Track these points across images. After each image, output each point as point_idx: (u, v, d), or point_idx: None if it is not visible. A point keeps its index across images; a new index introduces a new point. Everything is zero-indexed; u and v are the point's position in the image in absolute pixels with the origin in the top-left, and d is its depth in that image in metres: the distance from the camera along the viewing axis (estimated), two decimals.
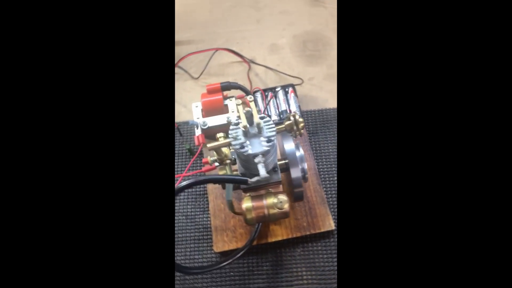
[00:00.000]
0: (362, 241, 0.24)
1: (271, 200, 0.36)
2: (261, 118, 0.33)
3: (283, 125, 0.35)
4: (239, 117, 0.33)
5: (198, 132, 0.55)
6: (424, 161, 0.24)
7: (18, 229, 0.23)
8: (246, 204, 0.37)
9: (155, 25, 0.25)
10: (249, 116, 0.32)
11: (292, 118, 0.34)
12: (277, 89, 0.59)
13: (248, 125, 0.32)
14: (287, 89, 0.59)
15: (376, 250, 0.24)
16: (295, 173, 0.40)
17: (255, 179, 0.33)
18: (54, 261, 0.23)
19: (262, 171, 0.32)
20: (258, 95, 0.58)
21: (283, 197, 0.35)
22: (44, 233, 0.23)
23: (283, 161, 0.42)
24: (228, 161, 0.38)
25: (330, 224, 0.49)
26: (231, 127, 0.34)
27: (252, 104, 0.32)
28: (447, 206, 0.23)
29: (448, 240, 0.23)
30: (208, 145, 0.34)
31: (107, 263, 0.23)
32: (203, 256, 0.50)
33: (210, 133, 0.56)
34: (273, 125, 0.34)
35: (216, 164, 0.39)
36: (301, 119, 0.34)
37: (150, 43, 0.25)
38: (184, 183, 0.32)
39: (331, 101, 0.61)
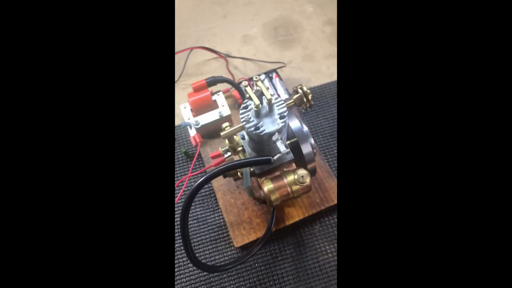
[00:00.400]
0: (362, 216, 0.24)
1: (291, 177, 0.36)
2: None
3: (292, 100, 0.35)
4: (249, 98, 0.33)
5: (192, 132, 0.54)
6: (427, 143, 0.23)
7: (20, 231, 0.22)
8: (268, 186, 0.36)
9: (155, 27, 0.25)
10: (259, 95, 0.32)
11: (300, 90, 0.34)
12: (261, 77, 0.59)
13: (260, 104, 0.32)
14: (271, 75, 0.59)
15: (376, 225, 0.24)
16: (306, 148, 0.41)
17: (277, 156, 0.33)
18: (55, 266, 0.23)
19: (282, 147, 0.32)
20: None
21: (303, 171, 0.36)
22: (47, 240, 0.23)
23: (288, 141, 0.42)
24: (239, 148, 0.37)
25: None
26: (240, 111, 0.34)
27: (260, 83, 0.32)
28: (446, 180, 0.23)
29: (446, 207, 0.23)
30: (222, 133, 0.33)
31: (107, 268, 0.23)
32: (223, 255, 0.49)
33: (205, 131, 0.55)
34: (282, 101, 0.34)
35: (228, 154, 0.38)
36: (308, 90, 0.34)
37: (150, 47, 0.25)
38: (210, 173, 0.31)
39: (314, 80, 0.63)
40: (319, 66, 0.65)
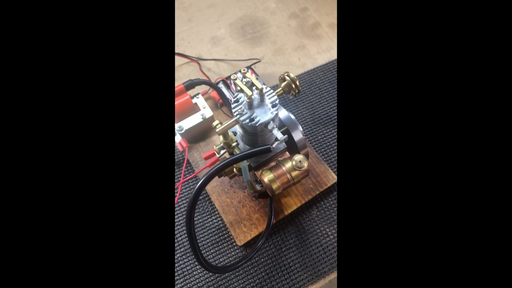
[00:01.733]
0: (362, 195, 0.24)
1: (289, 164, 0.37)
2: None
3: (280, 88, 0.36)
4: (240, 90, 0.33)
5: (178, 138, 0.53)
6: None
7: (20, 231, 0.22)
8: (268, 176, 0.37)
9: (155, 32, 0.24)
10: (250, 86, 0.33)
11: (287, 77, 0.35)
12: (238, 75, 0.60)
13: (252, 95, 0.32)
14: None
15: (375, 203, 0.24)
16: (297, 135, 0.41)
17: (275, 144, 0.33)
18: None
19: (279, 135, 0.33)
20: (222, 85, 0.58)
21: (299, 157, 0.36)
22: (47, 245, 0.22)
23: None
24: (234, 144, 0.37)
25: (333, 177, 0.52)
26: (232, 105, 0.34)
27: (249, 74, 0.33)
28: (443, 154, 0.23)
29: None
30: (217, 130, 0.33)
31: (105, 275, 0.23)
32: (228, 256, 0.49)
33: (189, 135, 0.54)
34: (272, 91, 0.34)
35: (223, 151, 0.38)
36: (295, 76, 0.35)
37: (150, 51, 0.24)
38: (214, 168, 0.31)
39: None
40: (290, 58, 0.66)
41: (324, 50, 0.67)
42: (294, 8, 0.73)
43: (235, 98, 0.34)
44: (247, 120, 0.33)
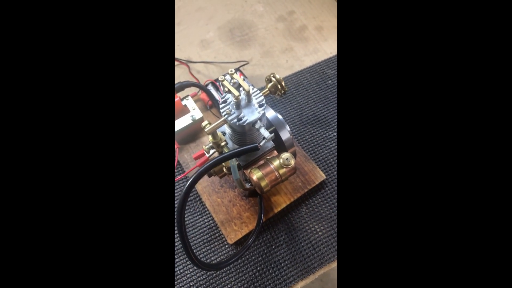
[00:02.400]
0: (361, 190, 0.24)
1: (277, 162, 0.38)
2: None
3: (267, 89, 0.37)
4: (228, 91, 0.34)
5: None
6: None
7: (19, 230, 0.22)
8: (256, 174, 0.38)
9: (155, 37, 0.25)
10: (237, 87, 0.34)
11: (273, 78, 0.36)
12: (226, 76, 0.61)
13: (240, 95, 0.33)
14: None
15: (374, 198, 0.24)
16: (285, 134, 0.43)
17: (263, 142, 0.35)
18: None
19: (266, 133, 0.34)
20: (211, 87, 0.59)
21: (287, 154, 0.38)
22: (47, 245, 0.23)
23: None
24: (223, 143, 0.38)
25: (321, 175, 0.53)
26: (220, 105, 0.35)
27: (237, 75, 0.34)
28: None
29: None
30: (206, 129, 0.34)
31: (106, 270, 0.23)
32: (219, 254, 0.50)
33: (180, 137, 0.55)
34: (259, 91, 0.36)
35: (212, 151, 0.39)
36: (281, 77, 0.36)
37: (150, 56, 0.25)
38: (203, 167, 0.32)
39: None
40: (278, 60, 0.68)
41: (311, 52, 0.69)
42: (281, 11, 0.75)
43: (223, 99, 0.35)
44: (235, 120, 0.34)
